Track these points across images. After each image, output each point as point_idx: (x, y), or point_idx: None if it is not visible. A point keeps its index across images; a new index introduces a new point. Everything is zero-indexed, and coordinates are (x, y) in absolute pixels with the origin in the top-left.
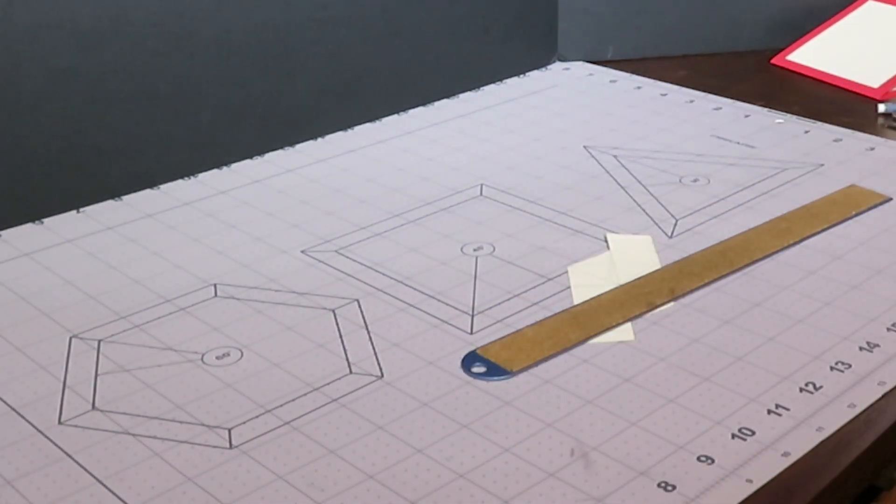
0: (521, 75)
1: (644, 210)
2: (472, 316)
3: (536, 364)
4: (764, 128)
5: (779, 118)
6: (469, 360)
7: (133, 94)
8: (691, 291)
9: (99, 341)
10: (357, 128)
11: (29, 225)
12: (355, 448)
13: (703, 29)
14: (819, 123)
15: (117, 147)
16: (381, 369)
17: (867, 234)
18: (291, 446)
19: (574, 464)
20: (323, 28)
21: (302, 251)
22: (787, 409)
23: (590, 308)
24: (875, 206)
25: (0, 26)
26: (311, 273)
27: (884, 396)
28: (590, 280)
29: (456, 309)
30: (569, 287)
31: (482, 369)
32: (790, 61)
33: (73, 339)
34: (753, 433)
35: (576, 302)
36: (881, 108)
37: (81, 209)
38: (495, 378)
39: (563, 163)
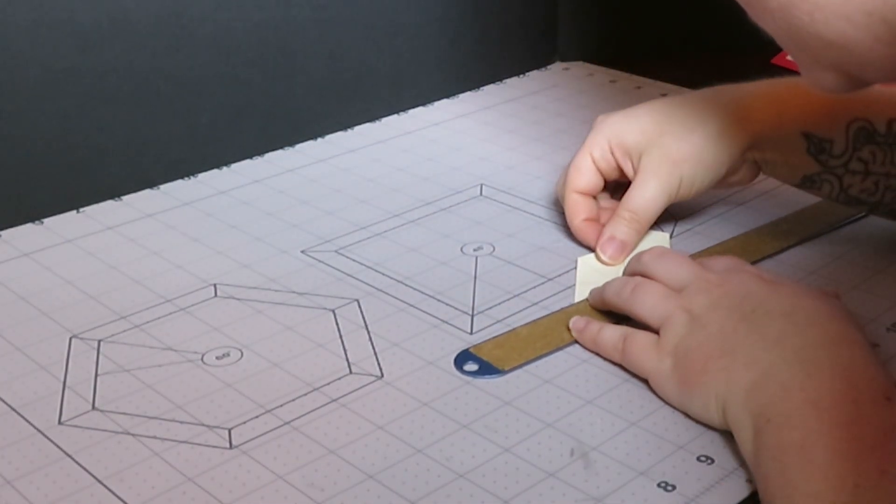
0: (521, 75)
1: None
2: (472, 316)
3: (528, 363)
4: None
5: None
6: (461, 359)
7: (133, 94)
8: None
9: (99, 341)
10: (357, 128)
11: (29, 225)
12: (355, 448)
13: (703, 29)
14: None
15: (117, 147)
16: (380, 369)
17: (868, 235)
18: (291, 446)
19: (574, 464)
20: (323, 28)
21: (302, 251)
22: None
23: (585, 308)
24: None
25: (0, 26)
26: (311, 273)
27: None
28: (596, 275)
29: (456, 309)
30: (569, 287)
31: (474, 367)
32: (791, 61)
33: (73, 339)
34: None
35: (577, 299)
36: None
37: (81, 209)
38: (487, 377)
39: (563, 163)
